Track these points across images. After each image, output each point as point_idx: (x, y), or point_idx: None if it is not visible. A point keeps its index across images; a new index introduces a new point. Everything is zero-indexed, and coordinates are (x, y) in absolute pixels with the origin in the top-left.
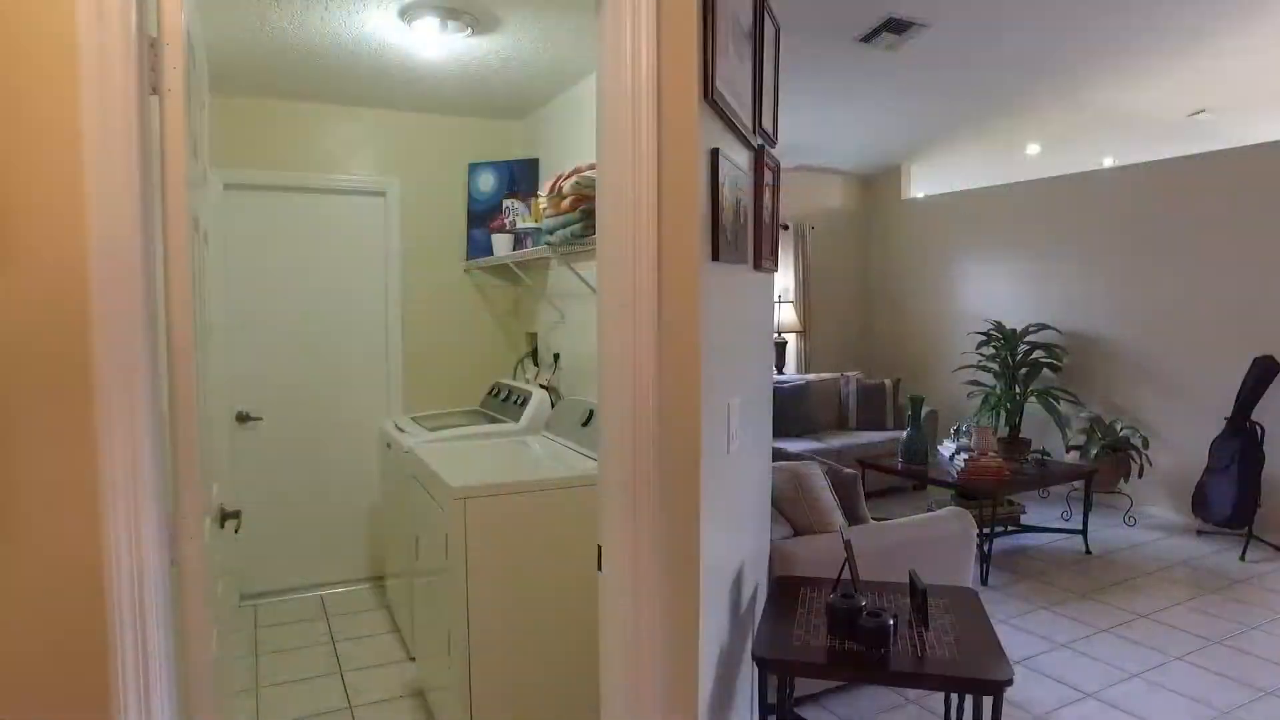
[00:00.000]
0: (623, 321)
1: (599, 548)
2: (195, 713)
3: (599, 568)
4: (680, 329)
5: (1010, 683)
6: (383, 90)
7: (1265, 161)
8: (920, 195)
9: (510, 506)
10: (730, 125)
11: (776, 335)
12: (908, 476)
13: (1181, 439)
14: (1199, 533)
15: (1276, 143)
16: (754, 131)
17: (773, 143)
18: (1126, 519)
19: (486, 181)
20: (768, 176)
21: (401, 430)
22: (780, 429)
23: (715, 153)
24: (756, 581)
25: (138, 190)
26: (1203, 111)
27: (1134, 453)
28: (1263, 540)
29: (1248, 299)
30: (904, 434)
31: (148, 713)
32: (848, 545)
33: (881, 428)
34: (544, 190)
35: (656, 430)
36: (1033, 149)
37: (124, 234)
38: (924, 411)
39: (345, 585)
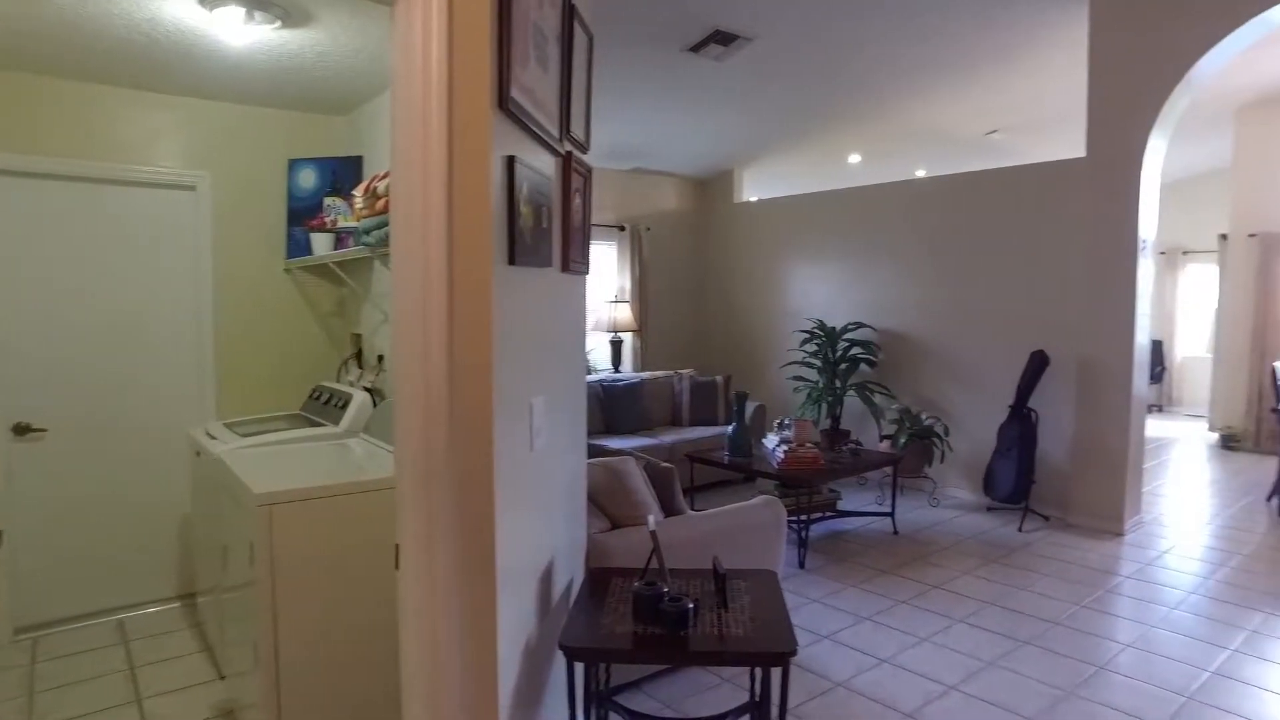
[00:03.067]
0: (414, 325)
1: (396, 546)
2: None
3: (396, 566)
4: (473, 332)
5: (794, 653)
6: (189, 77)
7: (1043, 178)
8: (752, 199)
9: (319, 511)
10: (530, 132)
11: (612, 334)
12: (733, 469)
13: (975, 426)
14: (989, 509)
15: (1054, 162)
16: (561, 138)
17: (584, 149)
18: (931, 500)
19: (308, 178)
20: (577, 182)
21: (213, 437)
22: (615, 425)
23: (511, 160)
24: (571, 574)
25: None
26: (996, 131)
27: (937, 440)
28: (1036, 512)
29: (1027, 300)
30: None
31: None
32: (653, 536)
33: (713, 423)
34: (359, 191)
35: (449, 430)
36: (854, 158)
37: None
38: (753, 406)
39: (152, 605)
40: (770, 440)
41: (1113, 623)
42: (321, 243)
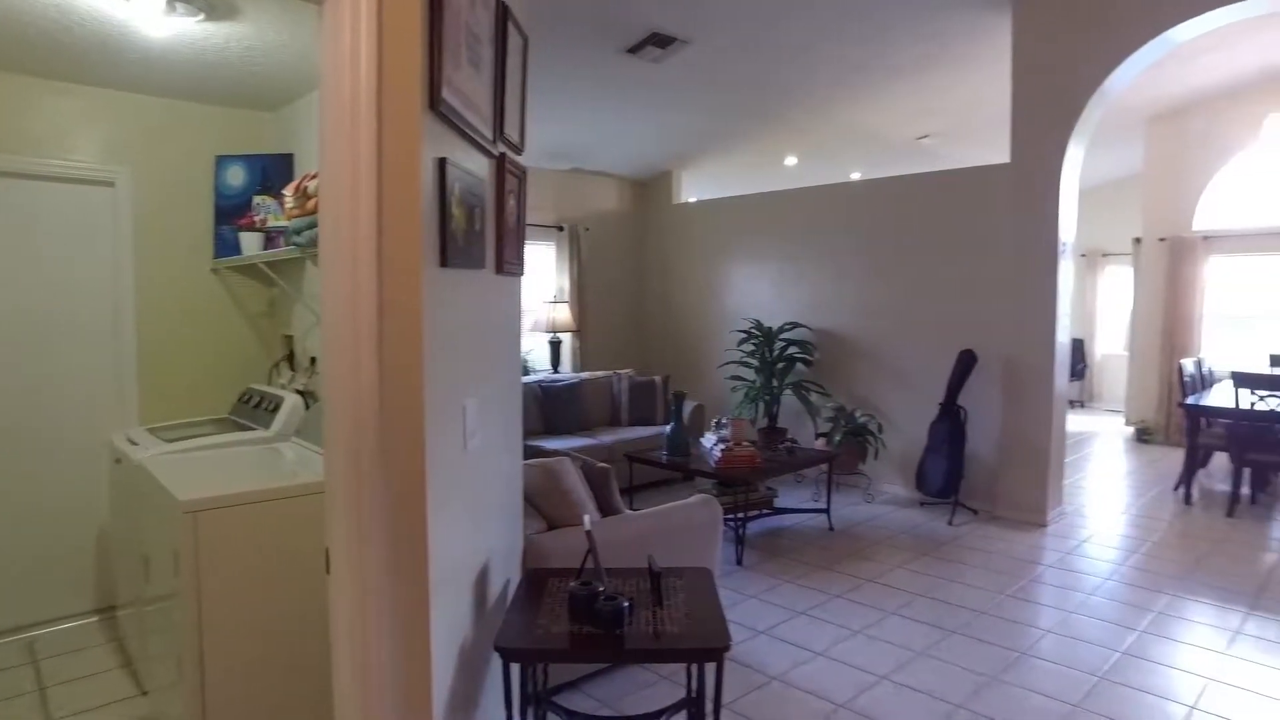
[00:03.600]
0: (344, 327)
1: (327, 550)
2: None
3: (327, 570)
4: (404, 334)
5: (728, 648)
6: (106, 67)
7: (971, 182)
8: (691, 200)
9: (247, 517)
10: (463, 134)
11: (551, 334)
12: (671, 468)
13: (908, 423)
14: (921, 504)
15: (980, 167)
16: (495, 140)
17: (519, 150)
18: (865, 496)
19: (236, 176)
20: (511, 183)
21: (134, 443)
22: (554, 426)
23: (442, 162)
24: (508, 576)
25: None
26: (927, 137)
27: (871, 438)
28: (966, 506)
29: (956, 300)
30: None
31: None
32: (589, 536)
33: (652, 423)
34: (290, 190)
35: (380, 431)
36: (791, 160)
37: None
38: (691, 406)
39: (66, 621)
40: (708, 439)
41: (1035, 610)
42: (251, 242)
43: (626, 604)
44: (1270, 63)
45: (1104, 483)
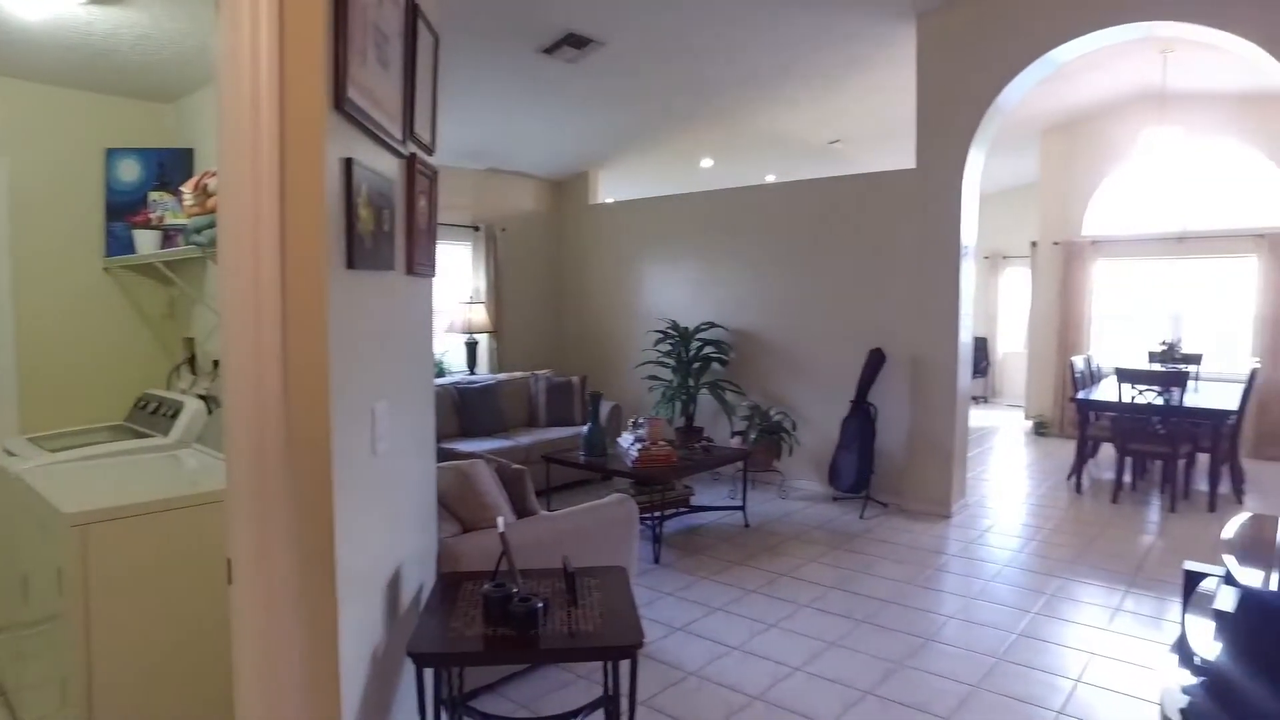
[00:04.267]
0: (245, 332)
1: (229, 561)
2: None
3: (229, 581)
4: (309, 337)
5: (641, 645)
6: None
7: (879, 186)
8: (608, 200)
9: (142, 529)
10: (370, 134)
11: (467, 335)
12: (589, 469)
13: (821, 421)
14: (834, 499)
15: (888, 171)
16: (405, 140)
17: (430, 150)
18: (780, 493)
19: (130, 170)
20: (421, 184)
21: (12, 454)
22: (471, 428)
23: (349, 162)
24: (422, 581)
25: None
26: (838, 141)
27: (785, 435)
28: (876, 500)
29: (866, 301)
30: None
31: None
32: (503, 538)
33: (571, 423)
34: (189, 187)
35: (284, 437)
36: (706, 162)
37: None
38: (609, 406)
39: None
40: (625, 439)
41: (939, 597)
42: (146, 240)
43: (540, 604)
44: (1145, 82)
45: (1004, 474)
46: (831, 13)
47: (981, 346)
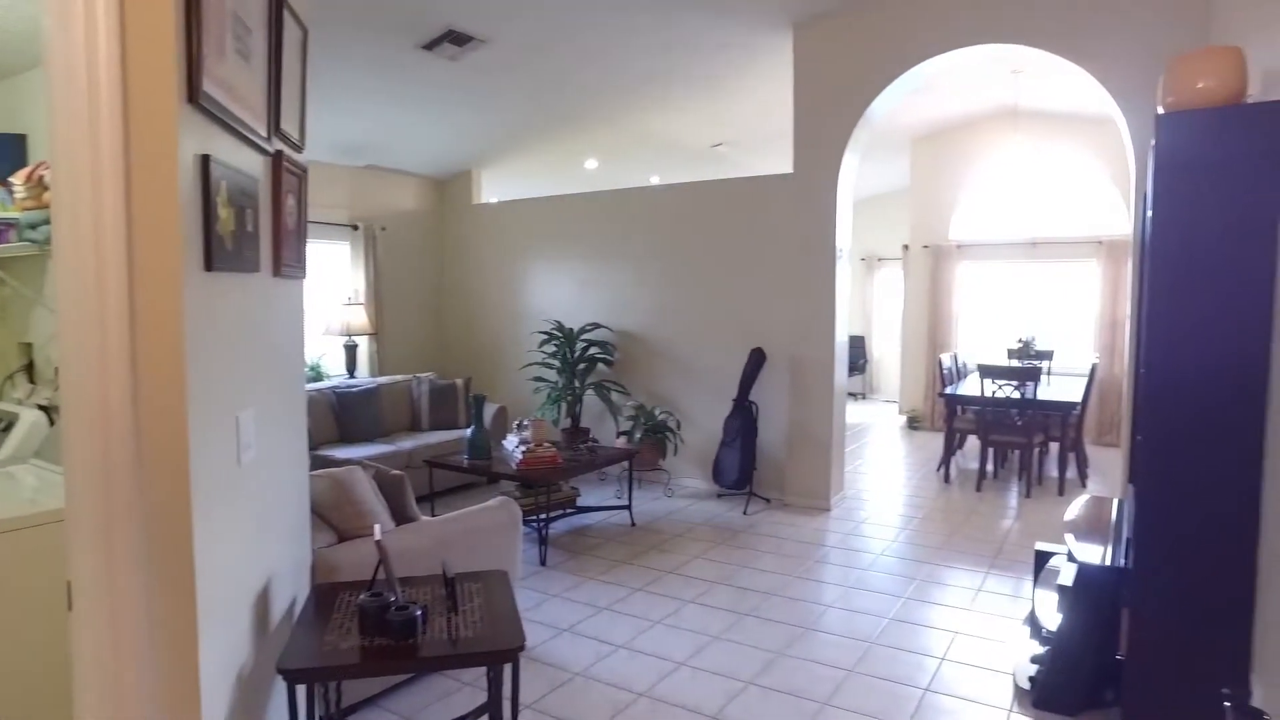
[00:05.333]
0: (88, 337)
1: (69, 584)
2: None
3: (69, 607)
4: (162, 345)
5: (522, 648)
6: None
7: (759, 190)
8: (492, 200)
9: None
10: (230, 129)
11: (346, 338)
12: (473, 472)
13: (705, 419)
14: (718, 496)
15: (767, 176)
16: (270, 136)
17: (299, 147)
18: (666, 491)
19: None
20: (290, 182)
21: None
22: (350, 433)
23: (205, 159)
24: (295, 593)
25: None
26: (721, 145)
27: (670, 434)
28: (759, 496)
29: (747, 301)
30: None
31: None
32: (379, 546)
33: (454, 427)
34: (20, 178)
35: (135, 450)
36: (591, 163)
37: None
38: (493, 408)
39: None
40: (510, 441)
41: (818, 588)
42: None
43: (419, 612)
44: (999, 100)
45: (880, 468)
46: (711, 20)
47: (859, 345)
